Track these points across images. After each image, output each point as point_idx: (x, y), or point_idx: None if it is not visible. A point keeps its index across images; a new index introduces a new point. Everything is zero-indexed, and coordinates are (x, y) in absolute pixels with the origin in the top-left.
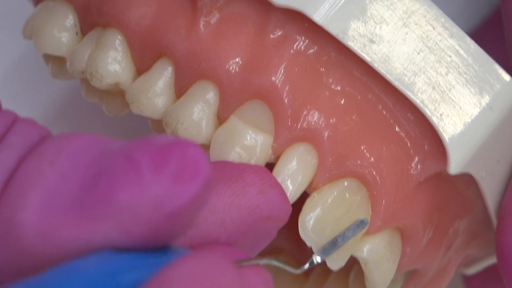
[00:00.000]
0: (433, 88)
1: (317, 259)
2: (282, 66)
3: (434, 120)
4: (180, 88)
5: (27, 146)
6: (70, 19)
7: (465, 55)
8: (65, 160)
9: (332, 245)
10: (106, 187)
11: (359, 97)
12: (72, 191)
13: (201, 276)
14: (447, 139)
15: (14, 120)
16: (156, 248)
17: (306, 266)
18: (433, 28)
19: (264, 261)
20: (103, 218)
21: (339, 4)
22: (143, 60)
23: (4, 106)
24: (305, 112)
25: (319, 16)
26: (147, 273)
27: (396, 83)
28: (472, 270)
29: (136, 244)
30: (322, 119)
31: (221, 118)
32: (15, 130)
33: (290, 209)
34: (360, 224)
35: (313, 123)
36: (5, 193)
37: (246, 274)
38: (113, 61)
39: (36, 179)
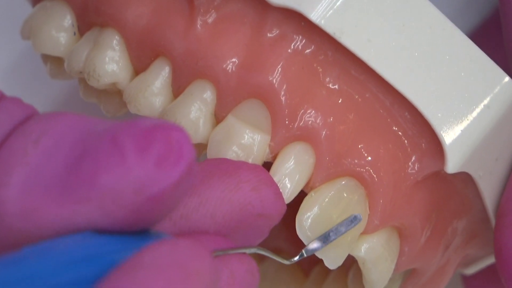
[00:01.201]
0: (431, 87)
1: (308, 251)
2: (279, 65)
3: (432, 119)
4: (178, 87)
5: (12, 123)
6: (68, 19)
7: (463, 55)
8: (49, 139)
9: (324, 238)
10: (90, 169)
11: (357, 96)
12: (55, 170)
13: (172, 262)
14: (444, 138)
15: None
16: (137, 232)
17: (296, 258)
18: (431, 28)
19: (252, 250)
20: (85, 199)
21: (336, 4)
22: (140, 60)
23: None
24: (302, 111)
25: (316, 16)
26: (123, 257)
27: (393, 82)
28: (471, 269)
29: (117, 227)
30: (319, 118)
31: (218, 117)
32: (0, 108)
33: (283, 209)
34: (354, 219)
35: (310, 122)
36: None
37: (230, 262)
38: (111, 61)
39: (20, 157)
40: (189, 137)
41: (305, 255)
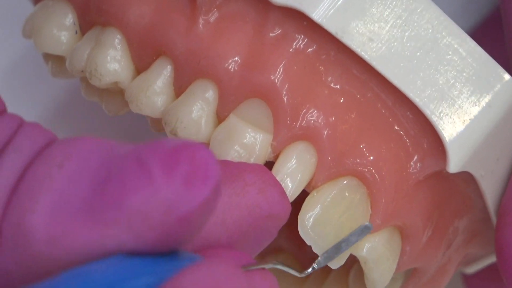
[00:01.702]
0: (432, 86)
1: (320, 263)
2: (281, 65)
3: (434, 118)
4: (180, 86)
5: (34, 149)
6: (69, 18)
7: (464, 54)
8: (73, 164)
9: (336, 249)
10: (117, 191)
11: (358, 96)
12: (81, 194)
13: (212, 284)
14: (446, 138)
15: (20, 123)
16: (166, 253)
17: (309, 270)
18: (433, 26)
19: (269, 266)
20: (114, 222)
21: (338, 3)
22: (142, 59)
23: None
24: (304, 111)
25: (318, 15)
26: (157, 279)
27: (395, 82)
28: (472, 269)
29: (147, 248)
30: (321, 117)
31: (220, 117)
32: (21, 134)
33: (289, 208)
34: (364, 229)
35: (312, 122)
36: (14, 197)
37: (253, 279)
38: (112, 60)
39: (45, 182)
40: (214, 156)
41: (316, 267)
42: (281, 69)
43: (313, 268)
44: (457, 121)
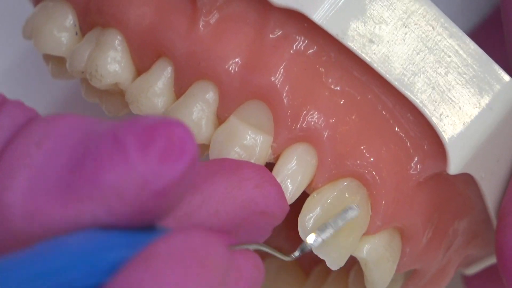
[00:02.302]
0: (433, 88)
1: (307, 246)
2: (282, 66)
3: (434, 120)
4: (180, 88)
5: (14, 127)
6: (69, 19)
7: (464, 55)
8: (51, 141)
9: (322, 233)
10: (92, 168)
11: (359, 97)
12: (58, 171)
13: (188, 251)
14: (446, 139)
15: (2, 101)
16: (143, 227)
17: (296, 253)
18: (433, 28)
19: (254, 246)
20: (89, 198)
21: (339, 4)
22: (142, 60)
23: None
24: (304, 112)
25: (318, 16)
26: (132, 250)
27: (395, 83)
28: (472, 270)
29: (123, 223)
30: (322, 119)
31: (220, 118)
32: (2, 111)
33: (286, 208)
34: (350, 210)
35: (312, 123)
36: None
37: (236, 258)
38: (113, 61)
39: (23, 160)
40: (191, 132)
41: (305, 250)
42: (282, 70)
43: (300, 250)
44: (457, 122)
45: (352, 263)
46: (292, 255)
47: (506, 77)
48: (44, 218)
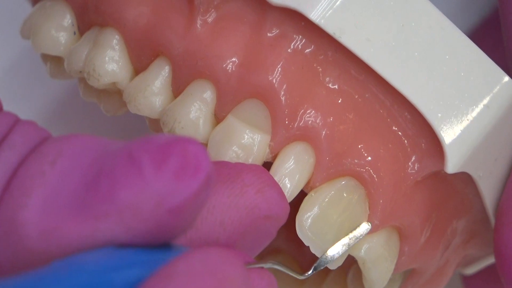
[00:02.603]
0: (431, 87)
1: (320, 265)
2: (279, 65)
3: (432, 119)
4: (178, 87)
5: (28, 146)
6: (67, 19)
7: (463, 55)
8: (65, 160)
9: (336, 250)
10: (108, 185)
11: (356, 96)
12: (73, 190)
13: (206, 270)
14: (444, 138)
15: (15, 121)
16: (158, 246)
17: (310, 272)
18: (431, 27)
19: (268, 265)
20: (105, 216)
21: (336, 3)
22: (140, 59)
23: (2, 106)
24: (302, 111)
25: (316, 15)
26: (149, 269)
27: (393, 82)
28: (471, 270)
29: (139, 241)
30: (319, 118)
31: (218, 117)
32: (16, 131)
33: (288, 208)
34: (363, 229)
35: (310, 122)
36: (7, 192)
37: (251, 277)
38: (111, 61)
39: (38, 178)
40: (205, 149)
41: (318, 269)
42: (279, 69)
43: (314, 270)
44: (455, 122)
45: (351, 262)
46: (306, 274)
47: (505, 77)
48: (60, 236)
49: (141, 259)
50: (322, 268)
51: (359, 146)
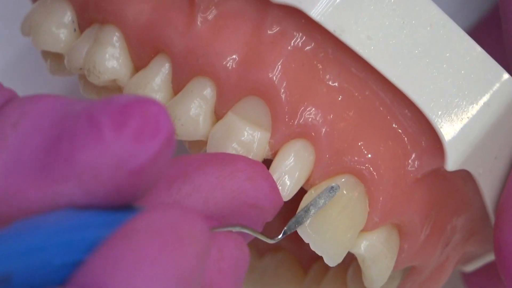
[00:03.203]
0: (431, 84)
1: (291, 228)
2: (279, 63)
3: (432, 116)
4: (178, 84)
5: None
6: (68, 16)
7: (463, 53)
8: (28, 122)
9: (305, 213)
10: (68, 148)
11: (357, 94)
12: (34, 152)
13: (166, 226)
14: (444, 136)
15: None
16: (120, 207)
17: (280, 236)
18: (431, 25)
19: (236, 228)
20: (65, 178)
21: (337, 1)
22: (140, 57)
23: None
24: (302, 108)
25: (316, 13)
26: (109, 229)
27: (393, 80)
28: (471, 267)
29: (99, 203)
30: (319, 115)
31: (218, 114)
32: None
33: (278, 203)
34: (331, 190)
35: (310, 119)
36: None
37: (217, 238)
38: (111, 58)
39: None
40: (166, 111)
41: (288, 232)
42: (279, 67)
43: (284, 233)
44: (455, 119)
45: (351, 259)
46: (276, 238)
47: (505, 75)
48: (20, 199)
49: (102, 220)
50: (291, 231)
51: (359, 144)
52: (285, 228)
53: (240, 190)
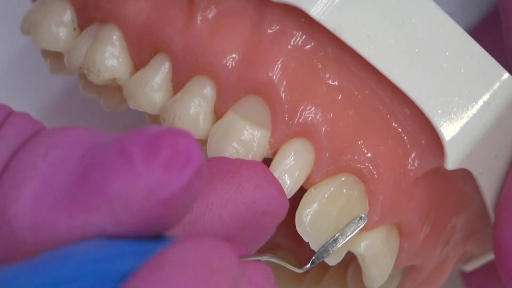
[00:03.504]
0: (431, 83)
1: (319, 258)
2: (279, 61)
3: (432, 115)
4: (178, 83)
5: (20, 139)
6: (68, 15)
7: (463, 52)
8: (57, 152)
9: (333, 243)
10: (98, 178)
11: (356, 93)
12: (64, 182)
13: (197, 259)
14: (444, 135)
15: (9, 113)
16: (150, 237)
17: (308, 265)
18: (431, 24)
19: (264, 258)
20: (95, 208)
21: (336, 0)
22: (140, 55)
23: (2, 101)
24: (302, 107)
25: (316, 11)
26: (140, 260)
27: (393, 79)
28: (471, 266)
29: (130, 233)
30: (319, 114)
31: (218, 113)
32: (9, 123)
33: (287, 204)
34: (360, 220)
35: (310, 118)
36: None
37: (246, 269)
38: (111, 56)
39: (29, 171)
40: (196, 141)
41: (316, 262)
42: (279, 65)
43: (312, 263)
44: (455, 118)
45: (350, 259)
46: (304, 267)
47: (505, 74)
48: (51, 229)
49: (132, 250)
50: (320, 261)
51: (359, 143)
52: (313, 257)
53: (251, 201)
